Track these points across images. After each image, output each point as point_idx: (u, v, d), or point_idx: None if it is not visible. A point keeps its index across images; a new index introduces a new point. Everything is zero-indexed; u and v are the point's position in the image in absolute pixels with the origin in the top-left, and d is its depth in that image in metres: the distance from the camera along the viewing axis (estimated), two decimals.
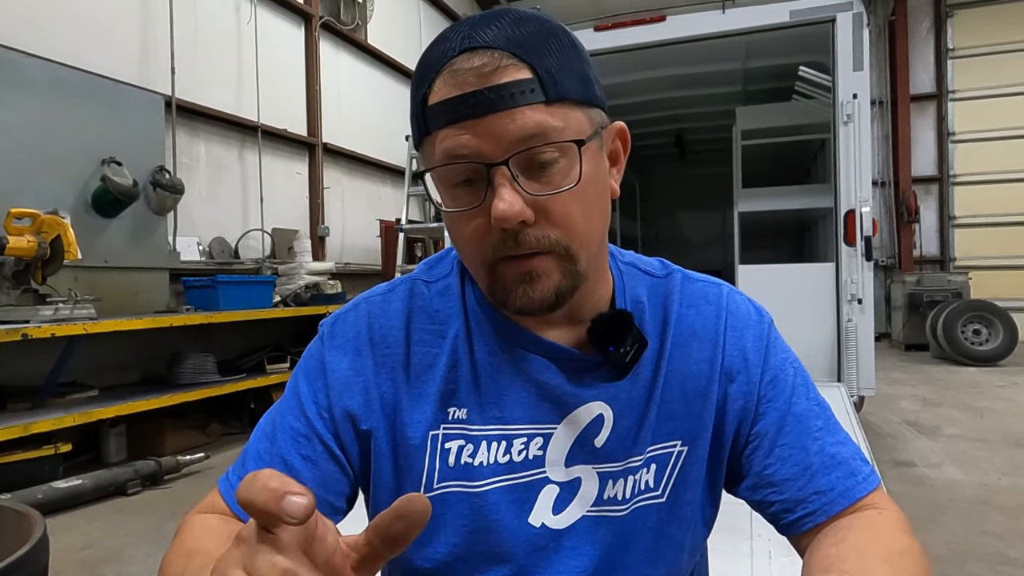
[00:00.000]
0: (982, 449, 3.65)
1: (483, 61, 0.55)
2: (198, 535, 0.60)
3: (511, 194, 0.56)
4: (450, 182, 0.59)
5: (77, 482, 2.97)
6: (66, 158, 3.65)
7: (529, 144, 0.56)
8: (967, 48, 9.10)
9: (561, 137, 0.57)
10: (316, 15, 6.25)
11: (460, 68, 0.56)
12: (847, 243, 3.53)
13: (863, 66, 3.51)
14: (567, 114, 0.57)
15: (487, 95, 0.55)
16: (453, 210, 0.60)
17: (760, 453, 0.67)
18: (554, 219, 0.58)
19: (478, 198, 0.58)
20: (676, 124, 6.22)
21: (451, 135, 0.56)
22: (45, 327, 2.99)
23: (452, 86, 0.56)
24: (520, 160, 0.56)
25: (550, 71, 0.56)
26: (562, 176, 0.58)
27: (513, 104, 0.55)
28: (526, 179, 0.57)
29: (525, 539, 0.66)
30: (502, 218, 0.56)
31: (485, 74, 0.55)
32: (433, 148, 0.58)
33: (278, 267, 5.23)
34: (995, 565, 2.21)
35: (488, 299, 0.66)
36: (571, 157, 0.58)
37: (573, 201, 0.58)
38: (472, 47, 0.56)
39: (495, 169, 0.56)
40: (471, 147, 0.56)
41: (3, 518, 1.29)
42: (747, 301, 0.74)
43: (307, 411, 0.67)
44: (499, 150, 0.56)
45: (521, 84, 0.55)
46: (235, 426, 4.40)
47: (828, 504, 0.64)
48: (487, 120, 0.55)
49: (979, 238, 9.07)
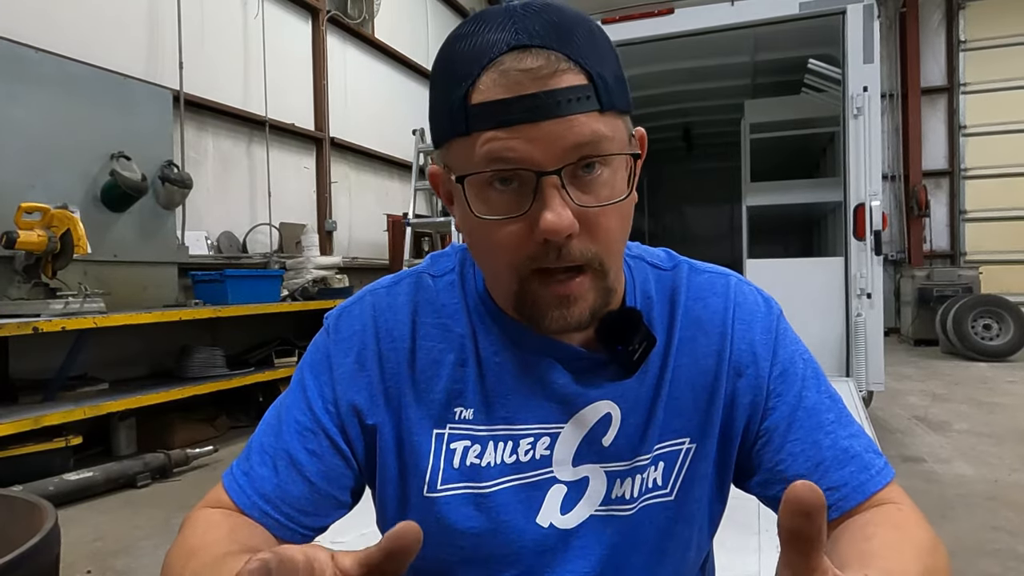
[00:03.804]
0: (992, 444, 3.63)
1: (539, 63, 0.52)
2: (200, 532, 0.60)
3: (561, 205, 0.53)
4: (490, 186, 0.56)
5: (88, 474, 2.99)
6: (75, 153, 3.67)
7: (583, 152, 0.54)
8: (979, 40, 9.00)
9: (611, 147, 0.55)
10: (323, 9, 6.25)
11: (512, 68, 0.53)
12: (856, 237, 3.50)
13: (873, 58, 3.47)
14: (616, 124, 0.56)
15: (544, 99, 0.52)
16: (492, 217, 0.56)
17: (771, 448, 0.66)
18: (596, 232, 0.56)
19: (520, 206, 0.55)
20: (684, 118, 6.18)
21: (499, 138, 0.53)
22: (55, 321, 3.01)
23: (503, 87, 0.53)
24: (570, 170, 0.54)
25: (604, 78, 0.55)
26: (608, 188, 0.56)
27: (570, 111, 0.53)
28: (574, 188, 0.55)
29: (533, 539, 0.65)
30: (552, 230, 0.53)
31: (542, 77, 0.52)
32: (472, 149, 0.55)
33: (286, 261, 5.25)
34: (1005, 561, 2.20)
35: (509, 309, 0.64)
36: (614, 168, 0.56)
37: (614, 214, 0.57)
38: (523, 44, 0.53)
39: (545, 178, 0.53)
40: (522, 152, 0.53)
41: (15, 509, 1.30)
42: (755, 292, 0.73)
43: (313, 405, 0.66)
44: (551, 158, 0.53)
45: (578, 90, 0.53)
46: (243, 419, 4.42)
47: (842, 500, 0.63)
48: (542, 126, 0.52)
49: (990, 232, 8.99)
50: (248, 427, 4.39)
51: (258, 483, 0.64)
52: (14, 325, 2.86)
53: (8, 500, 1.34)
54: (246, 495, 0.64)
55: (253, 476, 0.65)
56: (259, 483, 0.64)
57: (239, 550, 0.55)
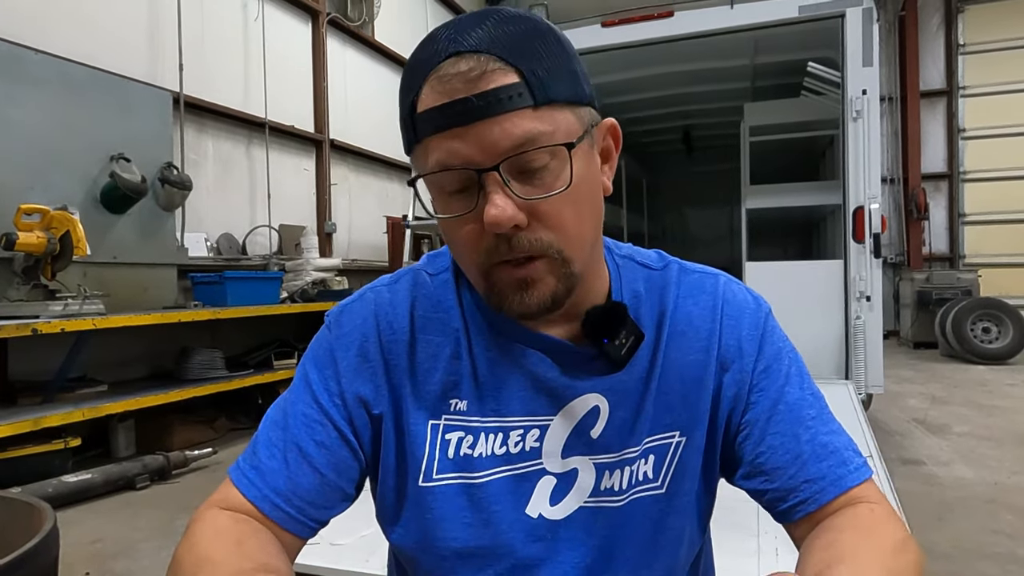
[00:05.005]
0: (991, 447, 3.63)
1: (469, 66, 0.55)
2: (209, 538, 0.61)
3: (503, 199, 0.56)
4: (443, 189, 0.59)
5: (86, 476, 2.99)
6: (75, 154, 3.67)
7: (520, 149, 0.55)
8: (978, 44, 9.02)
9: (551, 140, 0.56)
10: (323, 12, 6.26)
11: (447, 74, 0.55)
12: (856, 240, 3.50)
13: (872, 62, 3.48)
14: (556, 116, 0.57)
15: (475, 102, 0.54)
16: (446, 216, 0.60)
17: (751, 441, 0.68)
18: (547, 222, 0.58)
19: (470, 204, 0.58)
20: (684, 120, 6.19)
21: (441, 142, 0.56)
22: (55, 322, 3.00)
23: (440, 93, 0.55)
24: (511, 165, 0.56)
25: (537, 73, 0.56)
26: (553, 178, 0.57)
27: (501, 110, 0.54)
28: (518, 183, 0.57)
29: (523, 530, 0.66)
30: (494, 223, 0.56)
31: (472, 79, 0.54)
32: (425, 155, 0.58)
33: (285, 263, 5.25)
34: (1005, 564, 2.20)
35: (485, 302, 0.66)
36: (562, 159, 0.57)
37: (565, 203, 0.58)
38: (458, 51, 0.55)
39: (486, 175, 0.56)
40: (462, 154, 0.56)
41: (14, 511, 1.30)
42: (744, 290, 0.74)
43: (319, 398, 0.67)
44: (489, 156, 0.55)
45: (508, 89, 0.55)
46: (242, 421, 4.42)
47: (819, 493, 0.64)
48: (476, 127, 0.55)
49: (989, 235, 9.00)
50: (247, 429, 4.38)
51: (269, 477, 0.65)
52: (13, 327, 2.86)
53: (7, 502, 1.34)
54: (257, 489, 0.64)
55: (263, 470, 0.65)
56: (270, 477, 0.65)
57: (252, 568, 0.56)
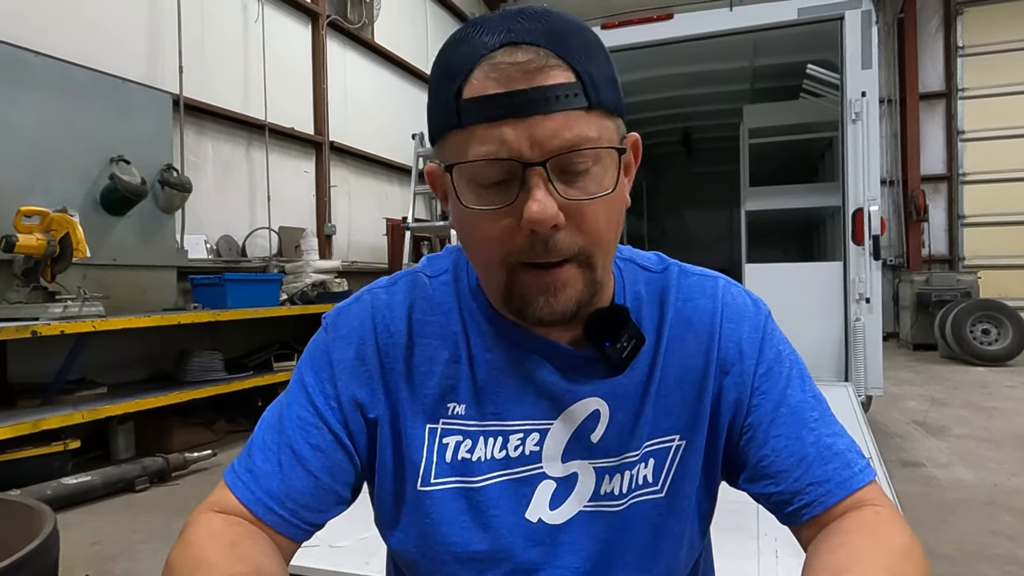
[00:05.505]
0: (991, 449, 3.63)
1: (528, 57, 0.54)
2: (203, 541, 0.60)
3: (546, 196, 0.55)
4: (480, 179, 0.57)
5: (86, 478, 2.99)
6: (75, 156, 3.67)
7: (570, 148, 0.55)
8: (977, 46, 9.03)
9: (596, 145, 0.56)
10: (323, 14, 6.26)
11: (503, 62, 0.54)
12: (855, 242, 3.51)
13: (872, 64, 3.49)
14: (603, 122, 0.57)
15: (532, 95, 0.54)
16: (480, 207, 0.57)
17: (755, 444, 0.67)
18: (582, 225, 0.57)
19: (508, 198, 0.56)
20: (683, 122, 6.19)
21: (490, 131, 0.55)
22: (54, 324, 3.00)
23: (494, 81, 0.54)
24: (556, 164, 0.55)
25: (592, 77, 0.56)
26: (594, 183, 0.57)
27: (558, 107, 0.54)
28: (560, 183, 0.56)
29: (522, 534, 0.66)
30: (536, 220, 0.54)
31: (531, 71, 0.54)
32: (465, 143, 0.56)
33: (285, 265, 5.25)
34: (1004, 566, 2.20)
35: (497, 304, 0.65)
36: (604, 165, 0.57)
37: (601, 208, 0.58)
38: (513, 41, 0.55)
39: (531, 169, 0.55)
40: (509, 145, 0.54)
41: (14, 513, 1.30)
42: (744, 293, 0.74)
43: (315, 401, 0.67)
44: (538, 151, 0.54)
45: (566, 87, 0.54)
46: (242, 423, 4.42)
47: (825, 495, 0.64)
48: (530, 121, 0.54)
49: (988, 237, 9.01)
50: (247, 431, 4.37)
51: (263, 480, 0.64)
52: (13, 329, 2.85)
53: (7, 504, 1.33)
54: (251, 492, 0.64)
55: (257, 473, 0.65)
56: (264, 480, 0.64)
57: (246, 571, 0.56)
